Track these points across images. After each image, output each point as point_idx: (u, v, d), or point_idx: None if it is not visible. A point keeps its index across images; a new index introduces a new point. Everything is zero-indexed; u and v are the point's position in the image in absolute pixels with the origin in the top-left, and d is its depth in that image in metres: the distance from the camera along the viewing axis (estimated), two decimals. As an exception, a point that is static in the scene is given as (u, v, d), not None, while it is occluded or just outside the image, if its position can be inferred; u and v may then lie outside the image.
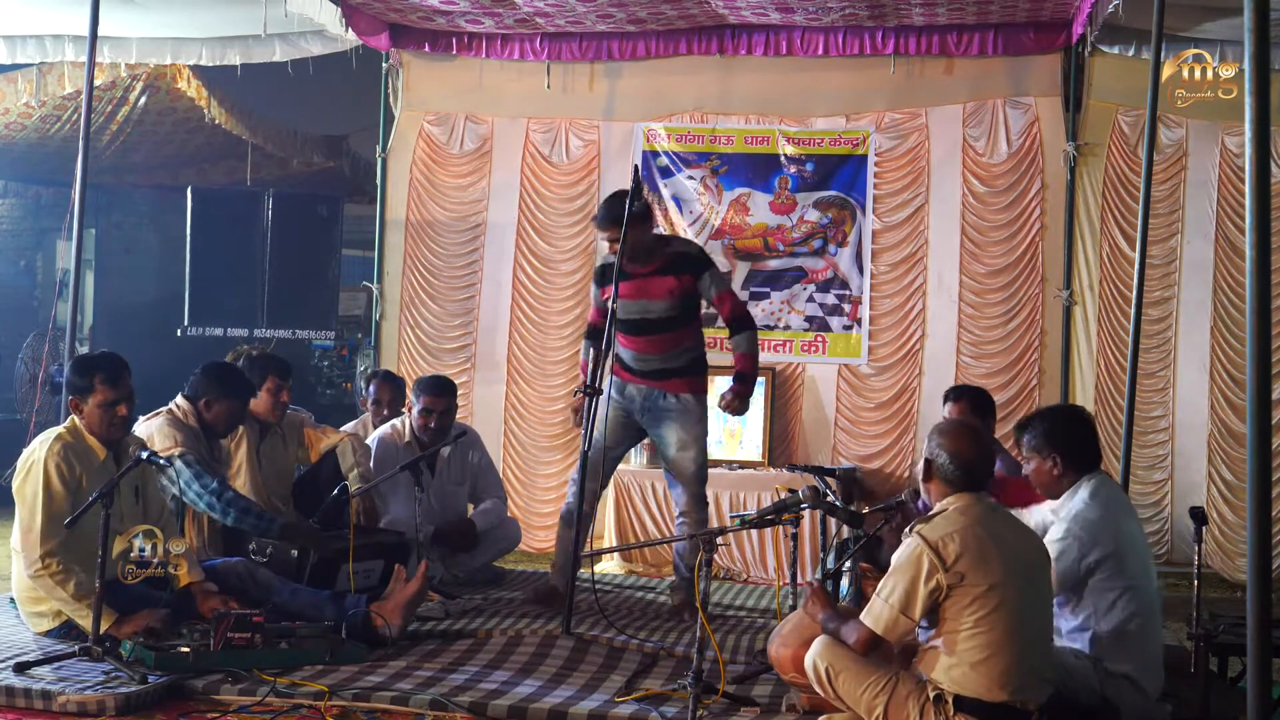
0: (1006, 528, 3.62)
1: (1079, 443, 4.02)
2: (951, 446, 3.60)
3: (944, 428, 3.73)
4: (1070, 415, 4.21)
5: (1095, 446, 4.09)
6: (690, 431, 5.54)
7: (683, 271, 5.49)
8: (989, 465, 3.75)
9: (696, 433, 5.56)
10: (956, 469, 3.58)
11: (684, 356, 5.57)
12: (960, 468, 3.58)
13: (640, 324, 5.49)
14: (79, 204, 6.30)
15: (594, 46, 8.16)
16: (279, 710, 3.94)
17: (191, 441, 5.14)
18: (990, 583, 3.41)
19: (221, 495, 5.08)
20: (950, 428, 3.73)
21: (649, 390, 5.57)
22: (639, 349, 5.54)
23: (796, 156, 8.14)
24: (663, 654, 4.75)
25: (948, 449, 3.60)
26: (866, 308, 8.05)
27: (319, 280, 8.22)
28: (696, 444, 5.56)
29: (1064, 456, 3.99)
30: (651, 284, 5.46)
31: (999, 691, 3.41)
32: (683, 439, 5.54)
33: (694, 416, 5.55)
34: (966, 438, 3.67)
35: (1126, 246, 7.66)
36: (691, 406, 5.55)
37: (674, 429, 5.55)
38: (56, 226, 11.07)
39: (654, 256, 5.49)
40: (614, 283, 5.18)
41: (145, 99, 9.31)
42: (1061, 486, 4.01)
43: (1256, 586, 3.07)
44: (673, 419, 5.55)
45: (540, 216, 8.37)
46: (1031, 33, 7.74)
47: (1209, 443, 7.69)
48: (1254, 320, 3.10)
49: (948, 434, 3.66)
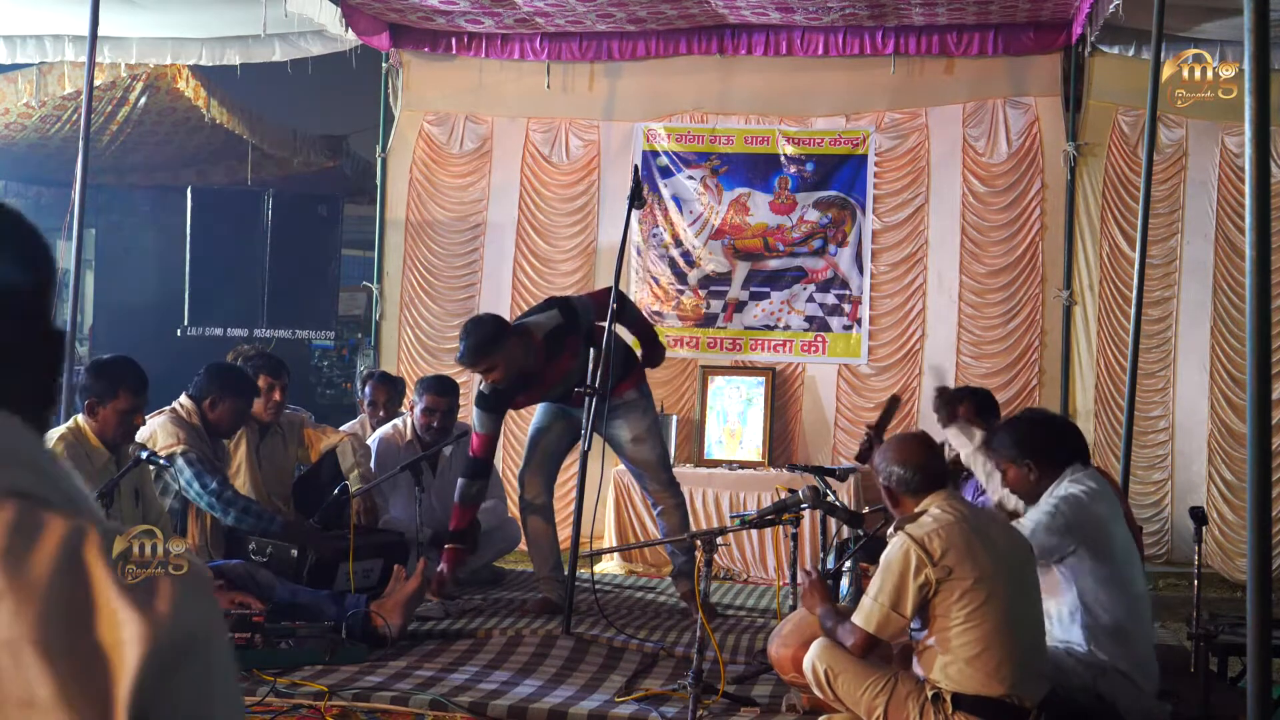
0: (989, 523, 3.66)
1: (1047, 445, 4.05)
2: (897, 459, 3.64)
3: (882, 450, 3.76)
4: (1033, 420, 4.23)
5: (1068, 444, 4.10)
6: (641, 423, 5.54)
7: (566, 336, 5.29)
8: (940, 460, 3.77)
9: (647, 423, 5.57)
10: (913, 474, 3.61)
11: (613, 374, 5.26)
12: (916, 471, 3.61)
13: (565, 392, 5.36)
14: (79, 204, 6.31)
15: (594, 46, 8.16)
16: (279, 710, 3.94)
17: (194, 440, 5.15)
18: (977, 576, 3.42)
19: (221, 495, 5.09)
20: (887, 447, 3.76)
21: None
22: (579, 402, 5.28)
23: (796, 156, 8.14)
24: (663, 654, 4.75)
25: (895, 462, 3.64)
26: (866, 308, 8.05)
27: (319, 280, 8.22)
28: (650, 434, 5.58)
29: (1036, 461, 4.02)
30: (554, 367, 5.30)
31: (995, 686, 3.42)
32: (637, 433, 5.55)
33: (640, 409, 5.55)
34: (905, 445, 3.73)
35: (1126, 246, 7.66)
36: (635, 400, 5.54)
37: (624, 426, 5.54)
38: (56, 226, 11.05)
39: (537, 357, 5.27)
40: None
41: (145, 99, 9.31)
42: (1041, 488, 4.03)
43: (1256, 586, 3.07)
44: (619, 416, 5.52)
45: (540, 216, 8.37)
46: (1031, 33, 7.75)
47: (1209, 443, 7.69)
48: (1254, 320, 3.10)
49: (887, 453, 3.70)
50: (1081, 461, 4.07)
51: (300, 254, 8.07)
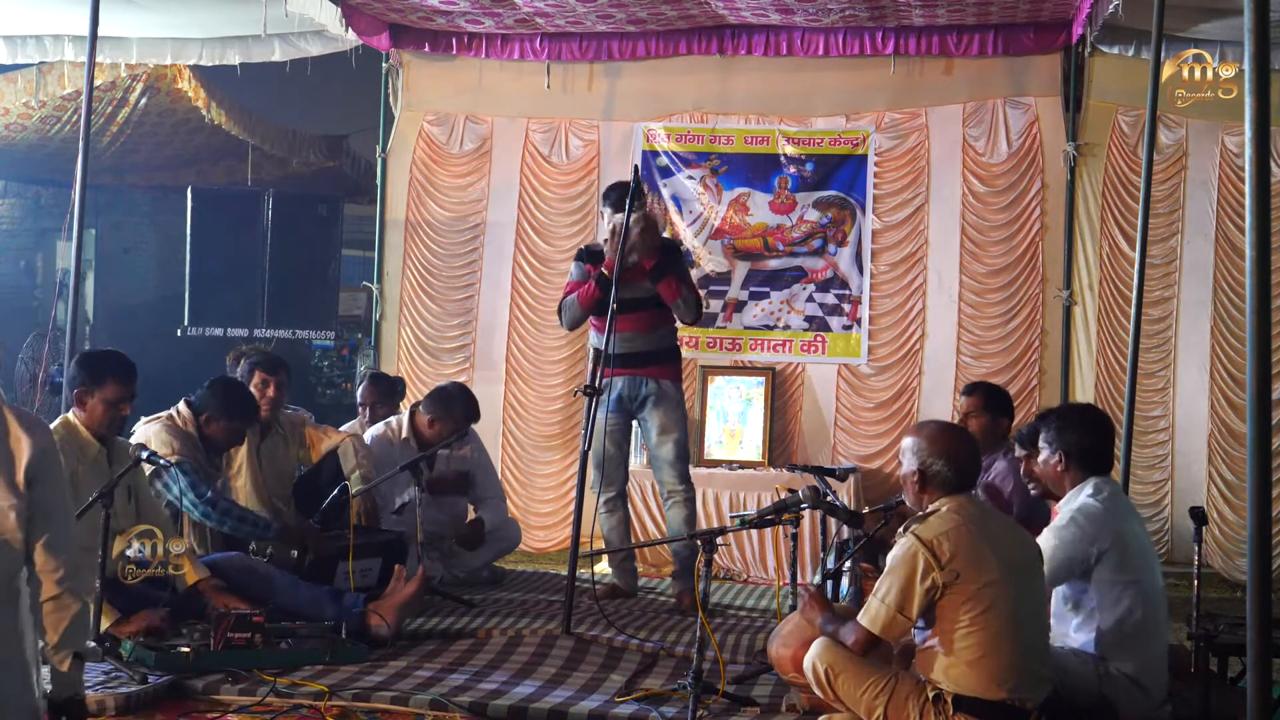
0: (999, 526, 3.63)
1: (1089, 446, 4.02)
2: (943, 451, 3.57)
3: (929, 433, 3.67)
4: (1088, 419, 4.16)
5: (1106, 453, 4.10)
6: (670, 416, 5.91)
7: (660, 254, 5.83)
8: (978, 465, 3.76)
9: (676, 417, 5.93)
10: (954, 473, 3.58)
11: (662, 340, 5.96)
12: (957, 471, 3.58)
13: (631, 302, 5.74)
14: (79, 204, 6.30)
15: (594, 46, 8.16)
16: (279, 710, 3.95)
17: (188, 450, 5.14)
18: (985, 580, 3.42)
19: (216, 505, 5.07)
20: (938, 434, 3.67)
21: (632, 379, 5.89)
22: (629, 328, 5.78)
23: (796, 156, 8.14)
24: (663, 654, 4.75)
25: (941, 454, 3.56)
26: (866, 308, 8.05)
27: (319, 280, 8.22)
28: (677, 427, 5.93)
29: (1071, 456, 4.00)
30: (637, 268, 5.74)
31: (997, 689, 3.42)
32: (664, 424, 5.89)
33: (673, 401, 5.95)
34: (958, 440, 3.66)
35: (1126, 246, 7.65)
36: (670, 392, 5.94)
37: (655, 414, 5.90)
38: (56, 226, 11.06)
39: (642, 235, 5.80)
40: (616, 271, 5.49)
41: (145, 99, 9.30)
42: (1064, 483, 4.02)
43: (1256, 586, 3.06)
44: (653, 404, 5.90)
45: (540, 216, 8.36)
46: (1031, 33, 7.74)
47: (1209, 443, 7.69)
48: (1254, 320, 3.09)
49: (937, 441, 3.61)
50: (1106, 473, 4.07)
51: (300, 254, 8.06)
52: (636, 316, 5.79)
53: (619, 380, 5.83)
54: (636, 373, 5.86)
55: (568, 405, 8.04)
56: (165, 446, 5.04)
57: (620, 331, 5.70)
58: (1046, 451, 4.05)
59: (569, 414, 8.10)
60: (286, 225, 8.03)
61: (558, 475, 8.15)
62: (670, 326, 6.01)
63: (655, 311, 5.86)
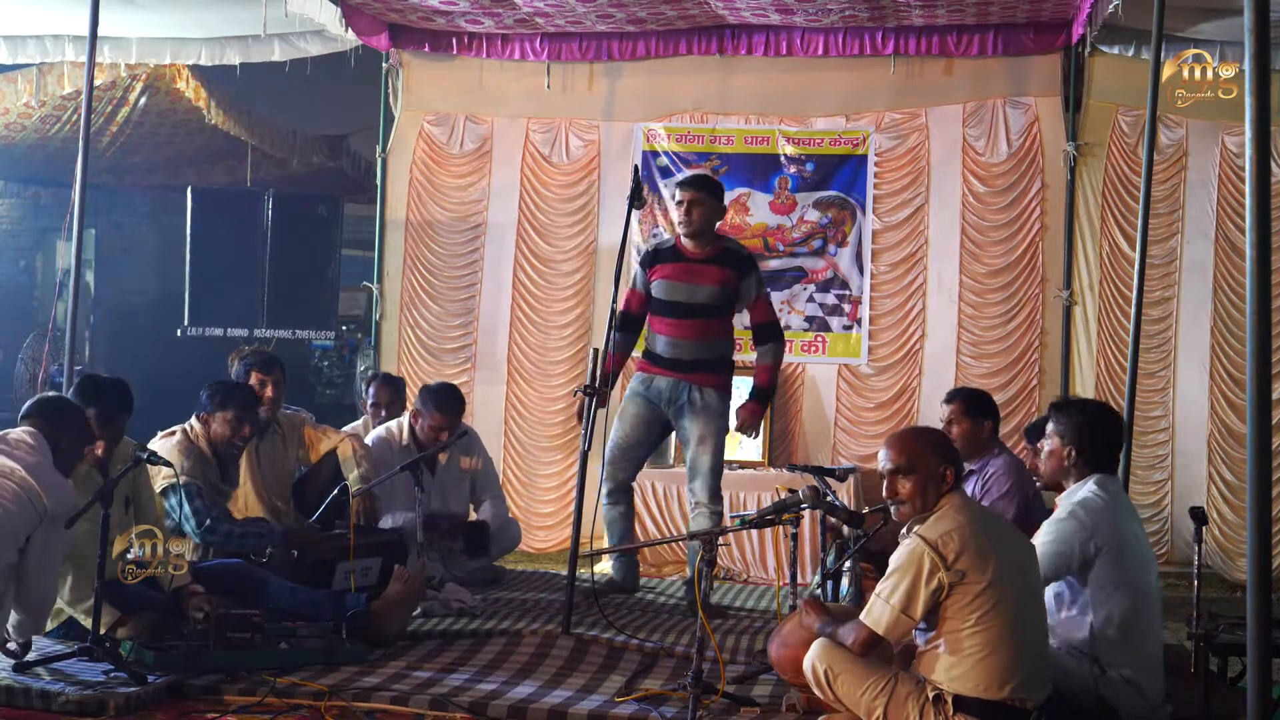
0: (998, 526, 3.66)
1: (1099, 444, 4.02)
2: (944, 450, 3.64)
3: (931, 439, 3.76)
4: (1104, 416, 4.15)
5: (1114, 453, 4.10)
6: (710, 427, 5.81)
7: (732, 266, 5.80)
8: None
9: (716, 428, 5.83)
10: (960, 471, 3.63)
11: (716, 350, 5.86)
12: (961, 470, 3.62)
13: (685, 307, 5.74)
14: (79, 204, 6.31)
15: (594, 46, 8.15)
16: (279, 710, 3.95)
17: (198, 470, 5.13)
18: (989, 580, 3.42)
19: (215, 531, 5.04)
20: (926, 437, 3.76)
21: (676, 383, 5.82)
22: (676, 334, 5.77)
23: (796, 156, 8.14)
24: (663, 654, 4.75)
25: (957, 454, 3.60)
26: (866, 308, 8.05)
27: (319, 280, 8.21)
28: (715, 439, 5.82)
29: (1080, 451, 3.99)
30: (704, 270, 5.74)
31: (999, 690, 3.42)
32: (703, 434, 5.80)
33: (715, 412, 5.83)
34: (941, 437, 3.74)
35: (1126, 246, 7.65)
36: (715, 403, 5.83)
37: (697, 423, 5.80)
38: (56, 226, 11.07)
39: (711, 243, 5.81)
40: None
41: (145, 99, 9.30)
42: (1068, 477, 4.02)
43: (1256, 586, 3.06)
44: (697, 413, 5.81)
45: (540, 216, 8.36)
46: (1031, 33, 7.74)
47: (1209, 443, 7.69)
48: (1254, 320, 3.10)
49: (940, 444, 3.70)
50: (1111, 471, 4.07)
51: (300, 254, 8.05)
52: (689, 324, 5.78)
53: (662, 379, 5.83)
54: (683, 377, 5.82)
55: (570, 406, 8.04)
56: (175, 466, 5.02)
57: (670, 336, 5.77)
58: (1057, 441, 4.04)
59: (571, 415, 8.09)
60: (286, 225, 8.02)
61: (559, 476, 8.14)
62: (727, 338, 5.94)
63: (713, 321, 5.82)
